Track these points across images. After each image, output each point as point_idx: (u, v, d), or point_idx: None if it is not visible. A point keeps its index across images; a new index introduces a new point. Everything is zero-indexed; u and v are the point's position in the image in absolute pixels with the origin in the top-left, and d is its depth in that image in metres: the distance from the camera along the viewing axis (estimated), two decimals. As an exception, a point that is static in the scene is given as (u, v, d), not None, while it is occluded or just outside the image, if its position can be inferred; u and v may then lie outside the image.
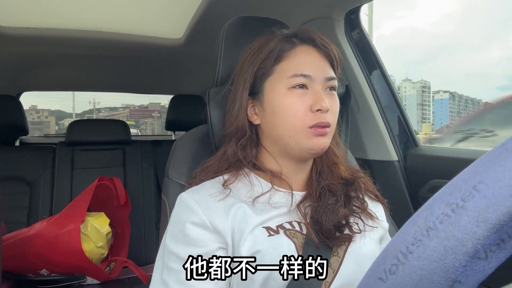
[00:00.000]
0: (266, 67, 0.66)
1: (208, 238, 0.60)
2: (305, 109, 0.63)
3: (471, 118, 2.63)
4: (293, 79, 0.64)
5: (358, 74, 1.34)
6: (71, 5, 1.47)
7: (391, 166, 1.31)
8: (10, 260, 1.41)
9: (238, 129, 0.68)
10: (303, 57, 0.66)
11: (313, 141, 0.63)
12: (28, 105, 14.03)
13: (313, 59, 0.66)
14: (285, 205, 0.65)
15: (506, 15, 69.04)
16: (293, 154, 0.66)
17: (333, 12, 1.28)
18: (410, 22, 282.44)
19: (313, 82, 0.64)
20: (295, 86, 0.64)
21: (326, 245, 0.62)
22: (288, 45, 0.66)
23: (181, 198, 0.65)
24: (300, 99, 0.63)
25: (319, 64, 0.66)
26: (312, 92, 0.64)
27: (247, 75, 0.68)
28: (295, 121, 0.63)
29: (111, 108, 14.83)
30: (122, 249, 1.68)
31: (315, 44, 0.67)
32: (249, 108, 0.69)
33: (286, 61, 0.66)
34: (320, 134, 0.63)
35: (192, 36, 1.67)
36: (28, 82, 2.39)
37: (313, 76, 0.64)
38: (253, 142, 0.70)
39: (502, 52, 70.72)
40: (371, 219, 0.68)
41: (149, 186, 2.04)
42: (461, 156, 1.18)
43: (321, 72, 0.65)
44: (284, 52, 0.66)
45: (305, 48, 0.67)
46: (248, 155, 0.68)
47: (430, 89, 45.25)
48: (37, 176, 1.89)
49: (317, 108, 0.62)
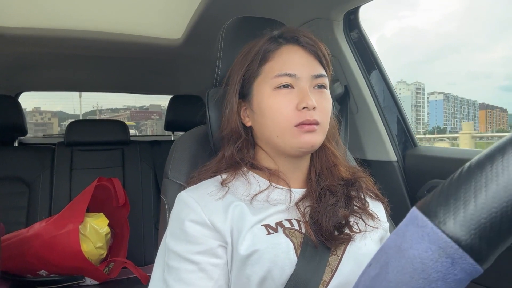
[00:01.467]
0: (253, 69, 0.67)
1: (208, 236, 0.60)
2: (291, 108, 0.63)
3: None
4: (277, 79, 0.64)
5: (357, 74, 1.34)
6: (70, 5, 1.46)
7: (390, 166, 1.31)
8: (9, 260, 1.41)
9: (233, 132, 0.69)
10: (287, 57, 0.66)
11: (300, 139, 0.63)
12: (31, 107, 14.03)
13: (298, 58, 0.66)
14: (284, 202, 0.65)
15: (509, 15, 68.94)
16: (285, 153, 0.66)
17: (332, 12, 1.28)
18: (411, 21, 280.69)
19: (298, 80, 0.64)
20: (280, 86, 0.64)
21: (325, 245, 0.62)
22: (273, 45, 0.67)
23: (180, 197, 0.65)
24: (286, 98, 0.64)
25: (304, 63, 0.66)
26: (297, 90, 0.64)
27: (236, 77, 0.69)
28: (281, 120, 0.63)
29: (112, 109, 14.87)
30: (121, 250, 1.68)
31: (300, 43, 0.67)
32: (242, 110, 0.70)
33: (271, 62, 0.66)
34: (308, 131, 0.63)
35: (191, 36, 1.67)
36: (27, 82, 2.39)
37: (298, 74, 0.64)
38: (250, 143, 0.70)
39: (505, 52, 70.31)
40: (372, 219, 0.68)
41: (148, 186, 2.04)
42: (460, 157, 1.18)
43: (306, 70, 0.65)
44: (269, 53, 0.67)
45: (291, 48, 0.67)
46: (245, 156, 0.69)
47: (424, 90, 45.61)
48: (36, 177, 1.89)
49: (303, 106, 0.62)
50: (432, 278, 0.26)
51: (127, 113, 18.11)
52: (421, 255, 0.26)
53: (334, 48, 1.34)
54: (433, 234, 0.26)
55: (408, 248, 0.27)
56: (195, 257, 0.59)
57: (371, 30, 29.76)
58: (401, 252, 0.28)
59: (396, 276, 0.27)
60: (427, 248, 0.26)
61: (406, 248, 0.27)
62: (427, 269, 0.26)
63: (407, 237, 0.28)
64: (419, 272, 0.26)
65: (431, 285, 0.26)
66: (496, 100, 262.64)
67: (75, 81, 2.53)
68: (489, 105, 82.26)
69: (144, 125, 17.98)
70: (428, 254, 0.26)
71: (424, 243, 0.27)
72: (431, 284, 0.26)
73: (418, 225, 0.27)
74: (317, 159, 0.71)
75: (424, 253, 0.26)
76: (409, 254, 0.27)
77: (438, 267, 0.26)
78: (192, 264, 0.59)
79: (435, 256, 0.26)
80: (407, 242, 0.28)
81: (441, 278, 0.26)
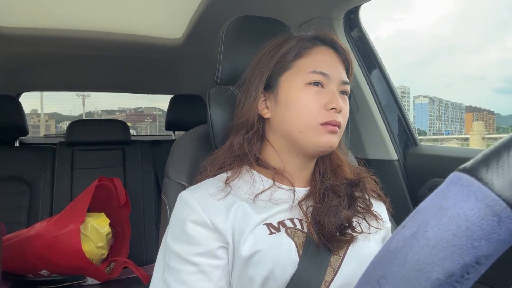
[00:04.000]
0: (285, 62, 0.67)
1: (209, 237, 0.60)
2: (319, 107, 0.64)
3: None
4: (311, 75, 0.65)
5: (357, 73, 1.34)
6: (71, 5, 1.47)
7: (391, 165, 1.31)
8: (11, 260, 1.41)
9: (249, 121, 0.68)
10: (322, 57, 0.67)
11: (323, 138, 0.64)
12: (29, 109, 14.09)
13: (332, 60, 0.67)
14: (287, 201, 0.65)
15: (503, 17, 68.42)
16: (301, 150, 0.66)
17: (332, 11, 1.28)
18: (407, 24, 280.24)
19: (329, 81, 0.65)
20: (312, 83, 0.65)
21: (327, 246, 0.62)
22: (309, 43, 0.68)
23: (181, 197, 0.65)
24: (315, 96, 0.64)
25: (337, 66, 0.67)
26: (327, 91, 0.65)
27: (265, 68, 0.69)
28: (308, 116, 0.64)
29: (108, 111, 14.90)
30: (122, 250, 1.68)
31: (335, 46, 0.69)
32: (260, 101, 0.69)
33: (306, 58, 0.67)
34: (331, 131, 0.64)
35: (191, 36, 1.67)
36: (28, 82, 2.39)
37: (331, 76, 0.65)
38: (259, 136, 0.70)
39: (499, 54, 70.26)
40: (375, 220, 0.68)
41: (149, 186, 2.04)
42: (460, 155, 1.18)
43: (338, 74, 0.66)
44: (305, 50, 0.67)
45: (326, 49, 0.68)
46: (253, 148, 0.68)
47: (409, 94, 46.19)
48: (37, 177, 1.89)
49: (332, 107, 0.63)
50: (476, 236, 0.26)
51: (123, 115, 18.17)
52: (466, 213, 0.26)
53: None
54: (480, 192, 0.26)
55: (451, 207, 0.27)
56: (195, 259, 0.59)
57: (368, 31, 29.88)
58: (443, 210, 0.27)
59: (436, 234, 0.27)
60: (473, 206, 0.26)
61: (448, 207, 0.27)
62: (472, 227, 0.26)
63: (450, 197, 0.28)
64: (463, 230, 0.26)
65: (474, 243, 0.26)
66: (490, 103, 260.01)
67: (76, 81, 2.53)
68: (476, 108, 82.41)
69: (139, 127, 18.09)
70: (474, 212, 0.26)
71: (470, 201, 0.26)
72: (474, 243, 0.26)
73: (463, 185, 0.27)
74: (322, 160, 0.71)
75: (469, 211, 0.26)
76: (452, 213, 0.27)
77: (484, 225, 0.26)
78: (192, 265, 0.59)
79: (481, 214, 0.26)
80: (449, 201, 0.27)
81: (485, 237, 0.26)
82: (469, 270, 0.26)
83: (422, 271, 0.27)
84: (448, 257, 0.26)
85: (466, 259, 0.26)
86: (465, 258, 0.26)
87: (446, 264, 0.26)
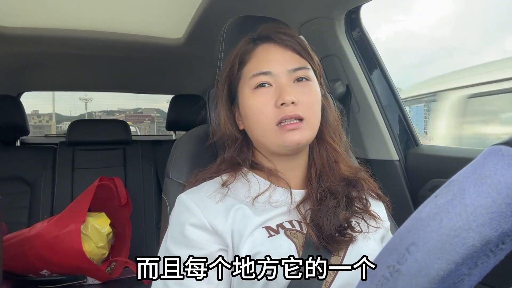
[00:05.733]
0: (234, 73, 0.67)
1: (208, 240, 0.60)
2: (271, 106, 0.63)
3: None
4: (254, 79, 0.64)
5: (358, 73, 1.34)
6: (71, 5, 1.47)
7: (392, 165, 1.31)
8: (11, 260, 1.41)
9: (227, 136, 0.69)
10: (262, 56, 0.66)
11: (284, 138, 0.62)
12: (30, 110, 14.12)
13: (274, 54, 0.66)
14: (285, 204, 0.64)
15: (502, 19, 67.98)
16: (274, 152, 0.66)
17: (333, 11, 1.28)
18: (406, 25, 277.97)
19: (275, 77, 0.64)
20: (258, 86, 0.64)
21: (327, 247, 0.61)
22: (250, 47, 0.67)
23: (180, 200, 0.65)
24: (264, 97, 0.63)
25: (279, 58, 0.65)
26: (275, 88, 0.63)
27: (222, 84, 0.69)
28: (264, 120, 0.63)
29: (107, 112, 14.88)
30: (123, 249, 1.68)
31: (273, 40, 0.67)
32: (236, 115, 0.70)
33: (248, 63, 0.66)
34: (291, 129, 0.62)
35: (192, 36, 1.67)
36: (29, 82, 2.40)
37: (273, 71, 0.64)
38: (248, 144, 0.70)
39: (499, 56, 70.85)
40: (374, 219, 0.67)
41: (149, 186, 2.04)
42: (462, 155, 1.17)
43: (282, 65, 0.64)
44: (246, 55, 0.67)
45: (266, 46, 0.67)
46: (246, 155, 0.69)
47: None
48: (37, 176, 1.89)
49: (280, 103, 0.62)
50: None
51: (122, 116, 18.25)
52: (508, 180, 0.26)
53: (336, 47, 1.34)
54: None
55: (491, 175, 0.27)
56: None
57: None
58: (482, 179, 0.27)
59: (475, 201, 0.27)
60: None
61: (488, 175, 0.27)
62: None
63: (489, 166, 0.27)
64: (504, 197, 0.26)
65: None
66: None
67: (77, 80, 2.53)
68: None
69: (139, 127, 18.21)
70: None
71: (511, 170, 0.26)
72: None
73: (504, 155, 0.27)
74: (318, 156, 0.70)
75: (511, 179, 0.26)
76: (492, 180, 0.27)
77: None
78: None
79: None
80: (489, 170, 0.27)
81: None
82: (505, 240, 0.26)
83: (458, 236, 0.27)
84: (486, 223, 0.26)
85: (504, 226, 0.26)
86: (503, 226, 0.26)
87: (484, 230, 0.26)
